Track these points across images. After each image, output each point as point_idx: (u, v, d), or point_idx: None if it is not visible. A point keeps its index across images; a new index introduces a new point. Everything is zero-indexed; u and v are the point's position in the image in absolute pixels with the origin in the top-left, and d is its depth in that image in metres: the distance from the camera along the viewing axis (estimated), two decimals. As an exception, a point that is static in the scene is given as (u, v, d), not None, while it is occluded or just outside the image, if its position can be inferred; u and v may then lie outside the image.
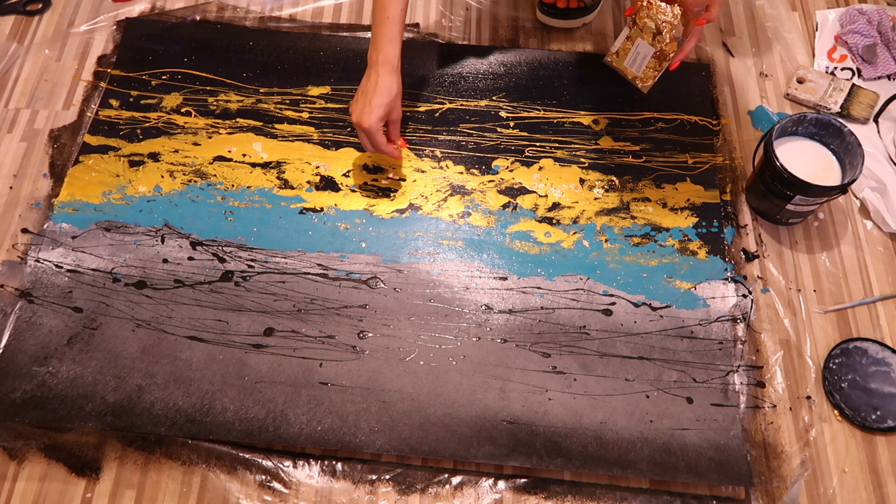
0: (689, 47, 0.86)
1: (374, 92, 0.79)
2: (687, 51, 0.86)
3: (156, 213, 0.87)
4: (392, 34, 0.79)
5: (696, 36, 0.85)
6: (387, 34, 0.79)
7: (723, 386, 0.77)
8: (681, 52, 0.86)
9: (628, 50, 0.90)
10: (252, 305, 0.81)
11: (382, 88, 0.79)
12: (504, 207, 0.88)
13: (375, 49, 0.80)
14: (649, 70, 0.89)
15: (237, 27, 1.01)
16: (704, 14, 0.83)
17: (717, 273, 0.84)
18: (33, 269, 0.82)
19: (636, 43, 0.88)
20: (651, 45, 0.87)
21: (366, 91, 0.80)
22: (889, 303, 0.83)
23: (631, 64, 0.90)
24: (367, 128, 0.79)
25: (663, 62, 0.88)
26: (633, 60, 0.90)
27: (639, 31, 0.88)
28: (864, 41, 0.99)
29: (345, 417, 0.75)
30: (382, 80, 0.79)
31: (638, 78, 0.91)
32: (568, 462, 0.73)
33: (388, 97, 0.79)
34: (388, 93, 0.79)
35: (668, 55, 0.87)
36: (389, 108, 0.80)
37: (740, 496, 0.73)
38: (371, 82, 0.79)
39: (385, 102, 0.79)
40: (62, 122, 0.93)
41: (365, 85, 0.80)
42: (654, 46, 0.87)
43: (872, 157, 0.91)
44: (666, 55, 0.87)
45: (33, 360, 0.77)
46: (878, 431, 0.76)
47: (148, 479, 0.73)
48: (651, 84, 0.91)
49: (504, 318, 0.81)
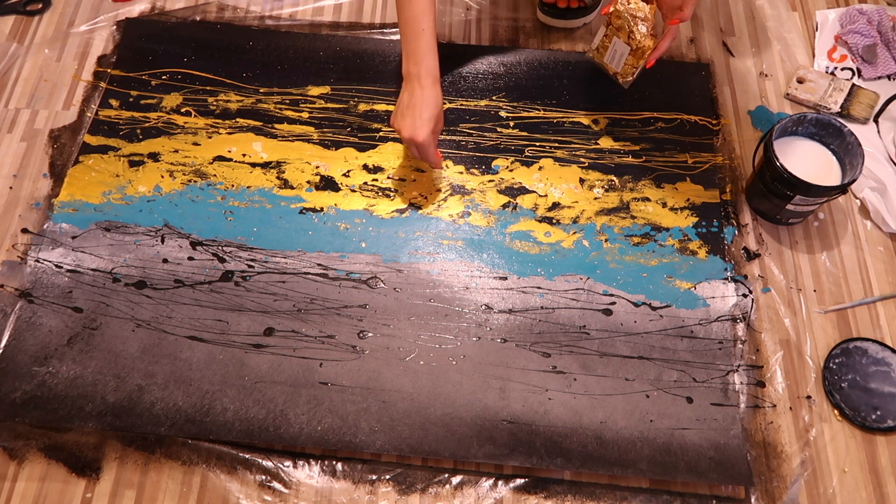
0: (664, 46, 0.85)
1: (423, 105, 0.78)
2: (662, 49, 0.85)
3: (156, 213, 0.87)
4: (429, 46, 0.79)
5: (671, 34, 0.85)
6: (424, 46, 0.78)
7: (723, 385, 0.77)
8: (656, 51, 0.86)
9: (607, 46, 0.90)
10: (252, 305, 0.81)
11: (430, 100, 0.78)
12: (504, 207, 0.88)
13: (414, 62, 0.79)
14: (628, 67, 0.89)
15: (237, 27, 1.01)
16: (677, 13, 0.83)
17: (716, 273, 0.84)
18: (33, 269, 0.82)
19: (612, 41, 0.88)
20: (626, 43, 0.87)
21: (412, 105, 0.79)
22: (889, 303, 0.84)
23: (610, 60, 0.90)
24: (423, 142, 0.78)
25: (640, 60, 0.88)
26: (611, 57, 0.90)
27: (614, 30, 0.87)
28: (864, 41, 0.99)
29: (345, 417, 0.75)
30: (428, 92, 0.78)
31: (618, 74, 0.91)
32: (568, 462, 0.73)
33: (436, 108, 0.79)
34: (437, 104, 0.79)
35: (645, 53, 0.87)
36: (438, 118, 0.80)
37: (740, 496, 0.73)
38: (416, 96, 0.78)
39: (434, 114, 0.79)
40: (62, 122, 0.93)
41: (409, 99, 0.79)
42: (630, 45, 0.86)
43: (872, 157, 0.91)
44: (643, 53, 0.87)
45: (33, 360, 0.77)
46: (878, 431, 0.76)
47: (148, 479, 0.73)
48: (631, 80, 0.91)
49: (504, 317, 0.81)
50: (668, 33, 0.85)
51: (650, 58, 0.86)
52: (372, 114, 0.94)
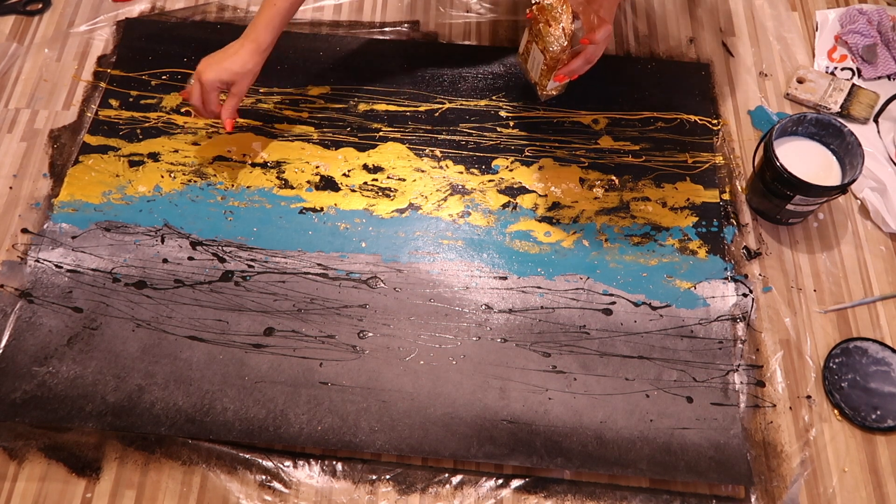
0: (574, 65, 0.80)
1: (230, 58, 0.81)
2: (571, 67, 0.80)
3: (156, 213, 0.87)
4: (272, 22, 0.81)
5: (584, 55, 0.80)
6: (266, 19, 0.81)
7: (723, 385, 0.77)
8: (563, 67, 0.81)
9: (529, 51, 0.88)
10: (252, 305, 0.81)
11: (239, 59, 0.81)
12: (504, 207, 0.88)
13: (253, 28, 0.81)
14: (543, 78, 0.87)
15: (237, 27, 1.01)
16: (588, 34, 0.78)
17: (716, 272, 0.84)
18: (33, 269, 0.82)
19: (532, 48, 0.86)
20: (542, 52, 0.84)
21: (224, 52, 0.81)
22: (889, 303, 0.84)
23: (531, 68, 0.89)
24: (205, 81, 0.80)
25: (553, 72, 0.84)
26: (532, 64, 0.89)
27: (532, 36, 0.85)
28: (864, 41, 0.99)
29: (345, 417, 0.75)
30: (243, 53, 0.81)
31: (537, 84, 0.90)
32: (568, 461, 0.73)
33: (239, 68, 0.81)
34: (242, 66, 0.81)
35: (557, 67, 0.83)
36: (236, 78, 0.81)
37: (740, 495, 0.73)
38: (232, 49, 0.81)
39: (234, 70, 0.81)
40: (62, 122, 0.93)
41: (226, 49, 0.82)
42: (545, 56, 0.84)
43: (872, 157, 0.91)
44: (556, 66, 0.83)
45: (33, 360, 0.77)
46: (878, 431, 0.76)
47: (148, 479, 0.73)
48: (547, 94, 0.89)
49: (504, 317, 0.81)
50: (581, 53, 0.80)
51: (558, 72, 0.81)
52: (372, 114, 0.94)
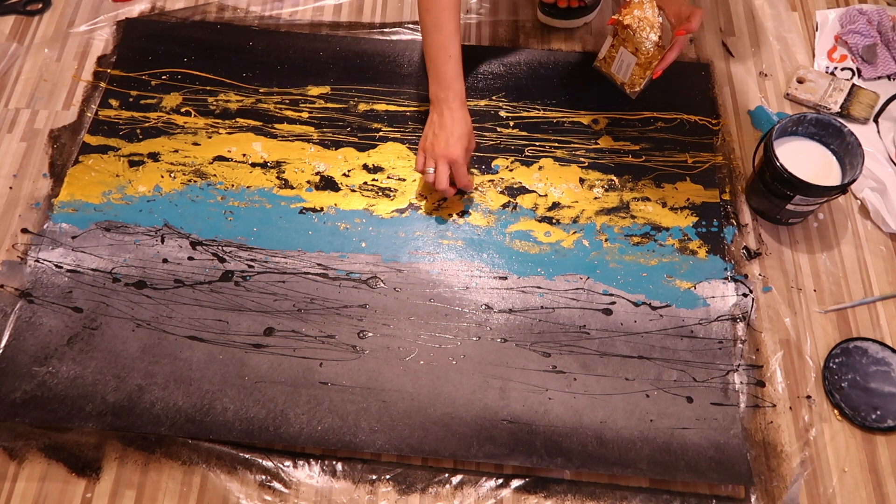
0: (671, 57, 0.85)
1: (454, 124, 0.81)
2: (669, 61, 0.85)
3: (156, 213, 0.87)
4: (456, 71, 0.81)
5: (679, 45, 0.84)
6: (451, 72, 0.81)
7: (723, 385, 0.77)
8: (662, 62, 0.85)
9: (614, 56, 0.90)
10: (252, 305, 0.81)
11: (460, 120, 0.81)
12: (504, 207, 0.88)
13: (442, 87, 0.81)
14: (635, 77, 0.89)
15: (237, 27, 1.01)
16: (685, 24, 0.83)
17: (716, 272, 0.84)
18: (33, 269, 0.82)
19: (619, 51, 0.88)
20: (633, 54, 0.86)
21: (443, 125, 0.81)
22: (889, 303, 0.84)
23: (617, 70, 0.90)
24: (456, 159, 0.81)
25: (647, 70, 0.88)
26: (619, 67, 0.90)
27: (621, 40, 0.87)
28: (864, 41, 0.99)
29: (345, 417, 0.75)
30: (457, 113, 0.81)
31: (626, 84, 0.91)
32: (568, 461, 0.73)
33: (467, 127, 0.82)
34: (467, 123, 0.82)
35: (652, 63, 0.86)
36: (469, 137, 0.82)
37: (740, 495, 0.73)
38: (447, 117, 0.81)
39: (466, 133, 0.81)
40: (62, 122, 0.93)
41: (440, 120, 0.81)
42: (636, 56, 0.86)
43: (872, 157, 0.91)
44: (650, 63, 0.87)
45: (33, 360, 0.77)
46: (878, 431, 0.76)
47: (148, 479, 0.73)
48: (639, 90, 0.91)
49: (504, 317, 0.81)
50: (675, 44, 0.84)
51: (657, 68, 0.86)
52: (372, 114, 0.94)
